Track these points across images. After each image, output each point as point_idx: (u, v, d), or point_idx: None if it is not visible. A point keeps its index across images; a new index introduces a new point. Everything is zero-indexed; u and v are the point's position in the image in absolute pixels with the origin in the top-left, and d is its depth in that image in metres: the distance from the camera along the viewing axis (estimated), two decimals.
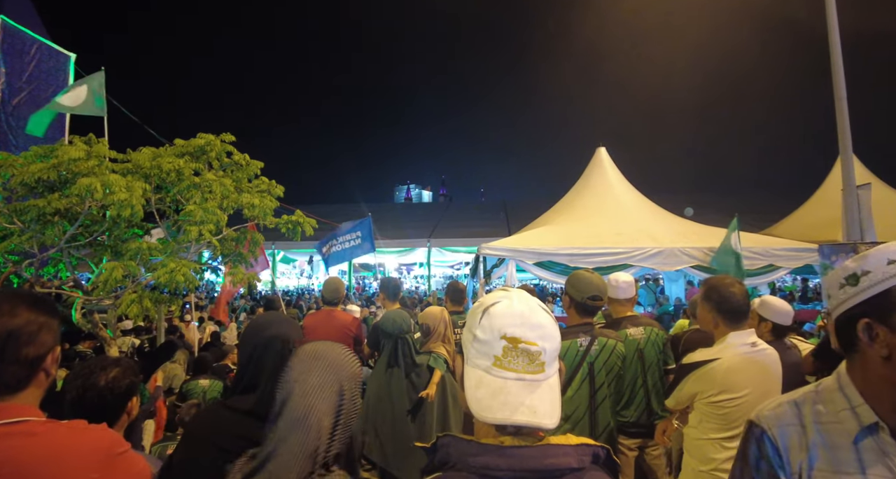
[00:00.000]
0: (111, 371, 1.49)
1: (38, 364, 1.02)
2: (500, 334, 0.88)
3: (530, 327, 0.89)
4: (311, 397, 1.02)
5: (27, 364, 1.00)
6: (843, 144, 7.11)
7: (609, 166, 8.47)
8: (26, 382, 1.01)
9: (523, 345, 0.87)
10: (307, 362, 1.08)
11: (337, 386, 1.06)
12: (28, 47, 7.35)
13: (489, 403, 0.85)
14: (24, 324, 0.99)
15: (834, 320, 1.06)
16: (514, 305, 0.92)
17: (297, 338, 1.50)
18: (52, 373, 1.06)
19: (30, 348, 1.00)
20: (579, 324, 2.29)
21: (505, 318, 0.90)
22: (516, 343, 0.88)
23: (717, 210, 16.56)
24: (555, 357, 0.92)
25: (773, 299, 2.63)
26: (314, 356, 1.09)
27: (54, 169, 3.97)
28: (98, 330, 4.78)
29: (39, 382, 1.04)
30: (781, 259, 6.93)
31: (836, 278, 1.03)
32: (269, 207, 4.86)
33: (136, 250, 4.15)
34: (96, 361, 1.52)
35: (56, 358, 1.06)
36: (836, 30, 7.10)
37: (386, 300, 3.60)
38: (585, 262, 6.59)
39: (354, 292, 19.61)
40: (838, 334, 1.05)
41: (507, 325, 0.89)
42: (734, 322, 1.89)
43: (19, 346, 0.98)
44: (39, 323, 1.02)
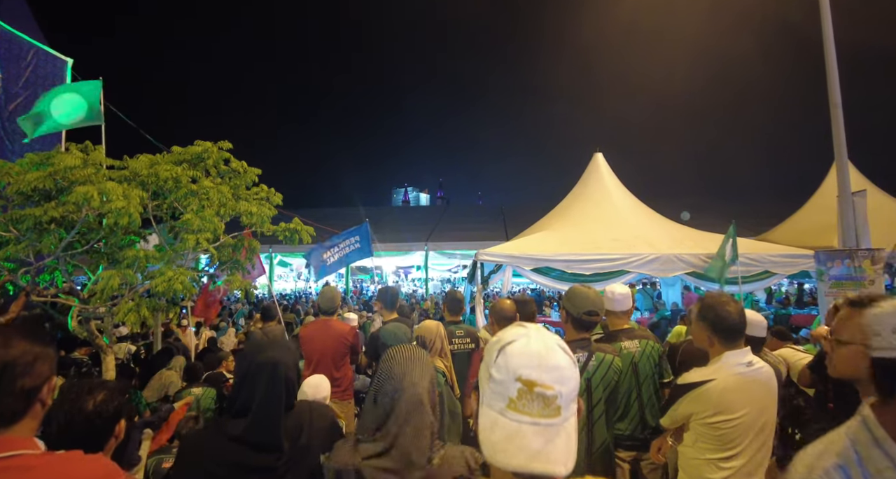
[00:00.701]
0: (98, 395, 1.46)
1: (33, 395, 1.01)
2: (514, 376, 0.86)
3: (546, 369, 0.85)
4: (419, 388, 1.30)
5: (23, 396, 0.99)
6: (838, 150, 7.15)
7: (606, 172, 8.49)
8: (22, 414, 1.00)
9: (539, 389, 0.84)
10: (407, 362, 1.35)
11: (430, 376, 1.36)
12: (25, 52, 7.32)
13: (504, 446, 0.83)
14: (20, 355, 0.99)
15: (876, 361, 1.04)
16: (531, 344, 0.88)
17: (292, 362, 1.49)
18: (47, 403, 1.05)
19: (25, 380, 0.99)
20: (576, 339, 2.28)
21: (521, 358, 0.87)
22: (532, 387, 0.85)
23: (714, 214, 16.63)
24: (572, 399, 0.88)
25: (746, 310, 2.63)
26: (411, 358, 1.36)
27: (50, 177, 3.95)
28: (94, 338, 4.76)
29: (35, 413, 1.03)
30: (777, 266, 6.96)
31: (891, 320, 1.01)
32: (266, 215, 4.85)
33: (133, 257, 4.13)
34: (83, 385, 1.50)
35: (52, 388, 1.05)
36: (830, 38, 7.15)
37: (384, 309, 3.60)
38: (582, 268, 6.60)
39: (352, 295, 19.59)
40: (879, 376, 1.03)
41: (523, 366, 0.86)
42: (730, 341, 1.89)
43: (15, 378, 0.98)
44: (35, 354, 1.01)
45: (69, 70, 7.79)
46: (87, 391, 1.46)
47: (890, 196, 8.81)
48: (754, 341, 2.54)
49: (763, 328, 2.58)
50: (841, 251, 6.55)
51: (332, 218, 20.62)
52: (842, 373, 1.35)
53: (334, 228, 16.36)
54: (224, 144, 4.98)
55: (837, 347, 1.35)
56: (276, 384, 1.43)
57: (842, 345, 1.34)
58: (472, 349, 3.34)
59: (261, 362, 1.45)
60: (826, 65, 7.25)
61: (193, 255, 4.64)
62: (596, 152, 8.68)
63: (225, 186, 4.84)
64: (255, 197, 5.19)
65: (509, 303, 2.87)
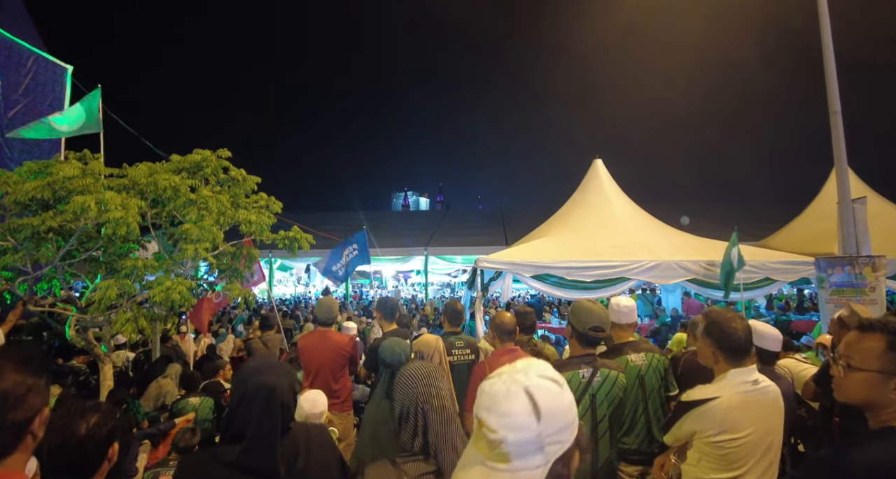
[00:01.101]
0: (91, 418, 1.42)
1: (24, 428, 0.99)
2: (476, 411, 0.88)
3: (495, 412, 0.84)
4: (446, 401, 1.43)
5: (14, 429, 0.97)
6: (837, 157, 7.14)
7: (605, 178, 8.48)
8: (12, 447, 0.98)
9: (484, 429, 0.84)
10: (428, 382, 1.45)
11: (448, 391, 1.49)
12: (25, 60, 7.32)
13: (458, 474, 0.88)
14: (11, 387, 0.96)
15: None
16: (496, 385, 0.88)
17: (287, 386, 1.47)
18: (38, 435, 1.03)
19: (17, 413, 0.97)
20: (581, 355, 2.26)
21: (482, 395, 0.88)
22: (481, 426, 0.86)
23: (714, 219, 16.62)
24: (528, 452, 0.83)
25: (759, 324, 2.57)
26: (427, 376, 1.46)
27: (48, 187, 3.93)
28: (92, 347, 4.74)
29: (26, 446, 1.00)
30: (778, 272, 6.94)
31: None
32: (266, 223, 4.83)
33: (131, 267, 4.11)
34: (75, 408, 1.47)
35: (44, 420, 1.03)
36: (829, 47, 7.16)
37: (383, 321, 3.57)
38: (583, 275, 6.58)
39: (351, 300, 19.55)
40: None
41: (480, 404, 0.87)
42: (735, 359, 1.86)
43: (6, 410, 0.95)
44: (27, 386, 0.99)
45: (69, 77, 7.79)
46: (79, 415, 1.43)
47: (890, 202, 8.80)
48: (768, 355, 2.50)
49: (777, 342, 2.53)
50: (841, 258, 6.53)
51: (332, 222, 20.61)
52: (852, 399, 1.32)
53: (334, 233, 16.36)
54: (223, 152, 4.97)
55: (848, 372, 1.32)
56: (271, 410, 1.41)
57: (853, 371, 1.31)
58: (472, 361, 3.32)
59: (256, 387, 1.43)
60: (825, 73, 7.25)
61: (192, 264, 4.63)
62: (595, 159, 8.67)
63: (224, 194, 4.83)
64: (255, 205, 5.18)
65: (509, 316, 2.85)
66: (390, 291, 22.94)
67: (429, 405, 1.39)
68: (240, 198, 5.10)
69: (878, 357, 1.27)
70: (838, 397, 1.37)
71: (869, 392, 1.27)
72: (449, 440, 1.36)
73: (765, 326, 2.58)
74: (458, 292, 22.59)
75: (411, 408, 1.39)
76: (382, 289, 24.42)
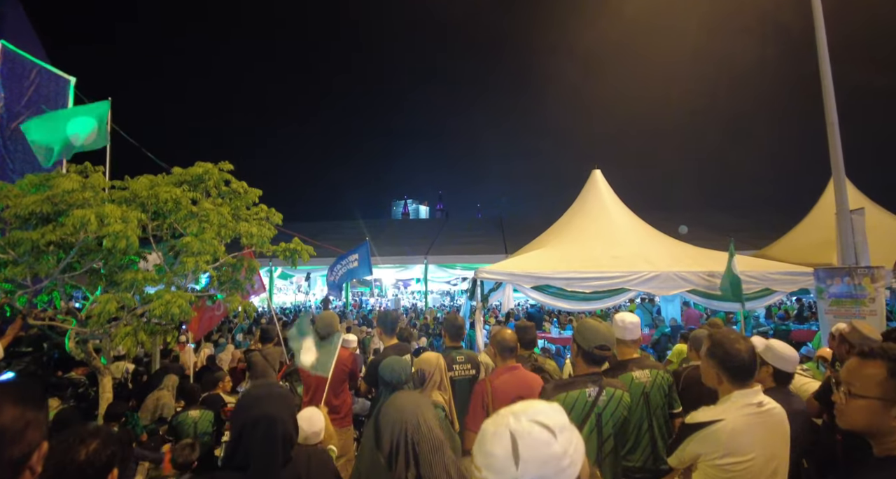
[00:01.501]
0: (91, 444, 1.41)
1: (23, 463, 0.97)
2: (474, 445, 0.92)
3: (481, 453, 0.88)
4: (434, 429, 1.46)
5: (12, 465, 0.95)
6: (835, 168, 7.17)
7: (604, 188, 8.50)
8: None
9: (473, 467, 0.88)
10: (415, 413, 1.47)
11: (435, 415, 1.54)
12: (28, 72, 7.36)
13: None
14: (10, 422, 0.94)
15: None
16: (490, 423, 0.91)
17: (288, 415, 1.47)
18: (37, 471, 1.01)
19: (15, 448, 0.95)
20: (587, 374, 2.26)
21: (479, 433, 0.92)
22: (471, 462, 0.90)
23: (713, 228, 16.66)
24: None
25: (778, 343, 2.55)
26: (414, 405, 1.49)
27: (48, 201, 3.94)
28: (92, 360, 4.72)
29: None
30: (777, 283, 6.94)
31: None
32: (267, 236, 4.84)
33: (131, 280, 4.11)
34: (75, 433, 1.46)
35: (42, 455, 1.01)
36: (826, 58, 7.22)
37: (384, 335, 3.56)
38: (582, 285, 6.58)
39: (351, 308, 19.50)
40: None
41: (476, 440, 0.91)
42: (740, 381, 1.85)
43: (4, 446, 0.93)
44: (26, 420, 0.97)
45: (72, 89, 7.83)
46: (79, 441, 1.42)
47: (888, 212, 8.82)
48: (784, 376, 2.48)
49: (794, 363, 2.50)
50: (840, 269, 6.54)
51: (333, 231, 20.62)
52: (854, 426, 1.31)
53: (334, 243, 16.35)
54: (225, 165, 4.99)
55: (849, 399, 1.32)
56: (272, 440, 1.41)
57: (854, 398, 1.31)
58: (473, 376, 3.30)
59: (256, 418, 1.43)
60: (822, 84, 7.31)
61: (193, 276, 4.63)
62: (594, 169, 8.70)
63: (225, 207, 4.84)
64: (255, 217, 5.19)
65: (510, 333, 2.84)
66: (390, 299, 22.91)
67: (418, 434, 1.41)
68: (241, 210, 5.11)
69: (879, 384, 1.26)
70: (840, 424, 1.36)
71: (870, 419, 1.26)
72: (441, 467, 1.38)
73: (783, 346, 2.55)
74: (457, 300, 22.54)
75: (401, 440, 1.40)
76: (382, 297, 24.37)
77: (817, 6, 7.31)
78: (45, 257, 4.16)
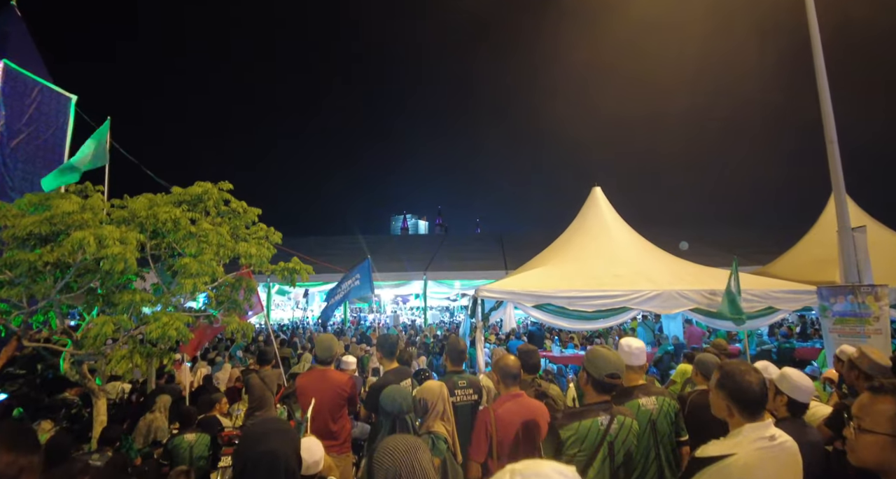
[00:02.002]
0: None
1: None
2: None
3: None
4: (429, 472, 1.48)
5: None
6: (836, 185, 7.18)
7: (605, 206, 8.51)
8: None
9: None
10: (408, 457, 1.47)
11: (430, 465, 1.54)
12: (29, 90, 7.41)
13: None
14: (4, 468, 0.93)
15: None
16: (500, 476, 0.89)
17: (292, 451, 1.44)
18: None
19: None
20: (598, 402, 2.26)
21: None
22: None
23: (713, 244, 16.65)
24: None
25: (794, 372, 2.49)
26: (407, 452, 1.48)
27: (47, 222, 3.91)
28: (86, 381, 4.65)
29: None
30: (780, 302, 6.89)
31: None
32: (266, 256, 4.81)
33: (128, 302, 4.06)
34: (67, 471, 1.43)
35: None
36: (823, 76, 7.27)
37: (384, 359, 3.50)
38: (584, 304, 6.53)
39: (350, 325, 19.37)
40: None
41: None
42: (751, 414, 1.80)
43: None
44: (20, 466, 0.95)
45: (73, 107, 7.86)
46: None
47: (889, 229, 8.81)
48: (799, 407, 2.42)
49: (810, 394, 2.43)
50: (843, 287, 6.50)
51: (332, 247, 20.57)
52: (864, 462, 1.31)
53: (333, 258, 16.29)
54: (224, 184, 4.98)
55: (860, 434, 1.31)
56: (275, 473, 1.37)
57: (865, 433, 1.30)
58: (475, 401, 3.24)
59: (259, 455, 1.40)
60: (820, 102, 7.35)
61: (190, 297, 4.58)
62: (594, 187, 8.71)
63: (224, 226, 4.82)
64: (254, 236, 5.17)
65: (513, 359, 2.80)
66: (389, 315, 22.79)
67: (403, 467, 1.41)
68: (240, 229, 5.09)
69: (890, 420, 1.26)
70: (851, 460, 1.35)
71: (880, 455, 1.26)
72: None
73: (799, 375, 2.48)
74: (457, 317, 22.42)
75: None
76: (381, 313, 24.24)
77: (814, 25, 7.39)
78: (42, 277, 4.12)
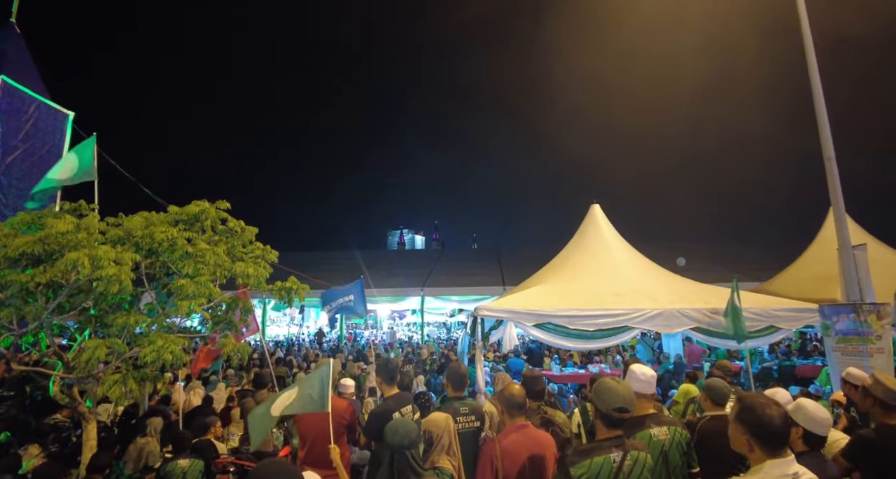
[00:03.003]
0: None
1: None
2: None
3: None
4: None
5: None
6: (835, 203, 7.17)
7: (604, 223, 8.47)
8: None
9: None
10: None
11: None
12: (27, 106, 7.37)
13: None
14: None
15: None
16: None
17: None
18: None
19: None
20: (609, 438, 2.16)
21: None
22: None
23: (711, 259, 16.62)
24: None
25: (810, 403, 2.42)
26: None
27: (40, 242, 3.83)
28: (77, 405, 4.52)
29: None
30: (782, 320, 6.83)
31: None
32: (263, 276, 4.73)
33: (122, 324, 3.96)
34: None
35: None
36: (819, 93, 7.31)
37: (383, 385, 3.41)
38: (586, 323, 6.45)
39: (346, 342, 19.17)
40: None
41: None
42: (772, 449, 1.72)
43: None
44: None
45: (70, 123, 7.82)
46: None
47: (888, 247, 8.81)
48: (816, 440, 2.35)
49: (827, 426, 2.38)
50: (846, 306, 6.46)
51: (329, 262, 20.46)
52: None
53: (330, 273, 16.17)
54: (221, 203, 4.92)
55: None
56: None
57: None
58: (477, 428, 3.14)
59: None
60: (817, 118, 7.38)
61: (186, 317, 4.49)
62: (593, 204, 8.69)
63: (221, 245, 4.75)
64: (251, 255, 5.09)
65: (518, 389, 2.71)
66: (385, 331, 22.58)
67: None
68: (237, 249, 5.01)
69: None
70: None
71: None
72: None
73: (815, 406, 2.42)
74: (454, 333, 22.23)
75: None
76: (377, 329, 24.02)
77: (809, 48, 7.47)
78: (34, 298, 4.03)
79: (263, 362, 9.17)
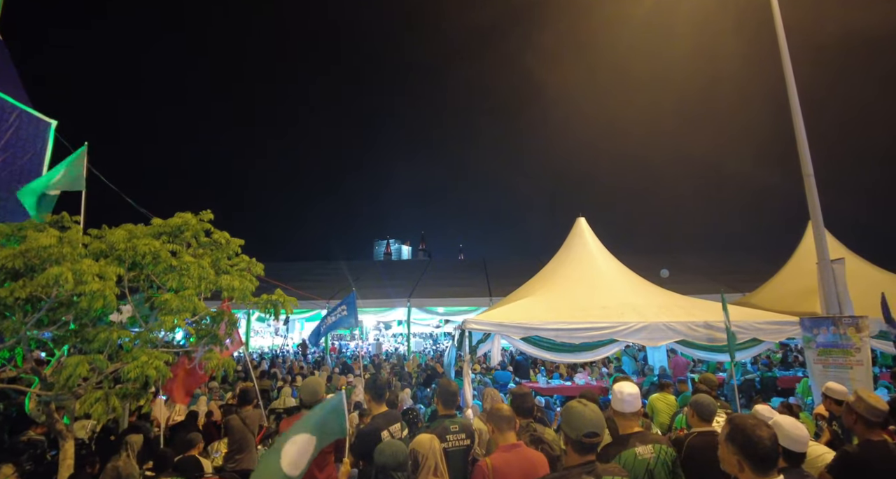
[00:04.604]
0: None
1: None
2: None
3: None
4: None
5: None
6: (814, 218, 7.35)
7: (590, 237, 8.57)
8: None
9: None
10: None
11: None
12: (7, 115, 7.24)
13: None
14: None
15: None
16: None
17: None
18: None
19: None
20: (580, 464, 2.12)
21: None
22: None
23: (695, 271, 16.84)
24: None
25: (787, 421, 2.44)
26: None
27: (21, 256, 3.74)
28: (54, 422, 4.38)
29: None
30: (765, 333, 6.94)
31: None
32: (248, 289, 4.67)
33: (103, 340, 3.87)
34: None
35: None
36: (797, 111, 7.52)
37: (372, 402, 3.37)
38: (572, 336, 6.48)
39: (330, 353, 18.96)
40: None
41: None
42: (762, 471, 1.75)
43: None
44: None
45: (52, 132, 7.70)
46: None
47: (866, 261, 9.03)
48: (795, 457, 2.37)
49: (805, 443, 2.38)
50: (826, 319, 6.59)
51: (315, 272, 20.30)
52: None
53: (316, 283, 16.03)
54: (205, 215, 4.86)
55: None
56: None
57: None
58: (467, 446, 3.12)
59: None
60: (796, 136, 7.58)
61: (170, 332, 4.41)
62: (579, 217, 8.79)
63: (206, 258, 4.68)
64: (237, 268, 5.03)
65: (507, 408, 2.71)
66: (371, 342, 22.39)
67: None
68: (221, 261, 4.94)
69: None
70: None
71: None
72: None
73: (792, 423, 2.42)
74: (441, 344, 22.14)
75: None
76: (363, 340, 23.81)
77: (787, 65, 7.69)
78: (10, 314, 3.92)
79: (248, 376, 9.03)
